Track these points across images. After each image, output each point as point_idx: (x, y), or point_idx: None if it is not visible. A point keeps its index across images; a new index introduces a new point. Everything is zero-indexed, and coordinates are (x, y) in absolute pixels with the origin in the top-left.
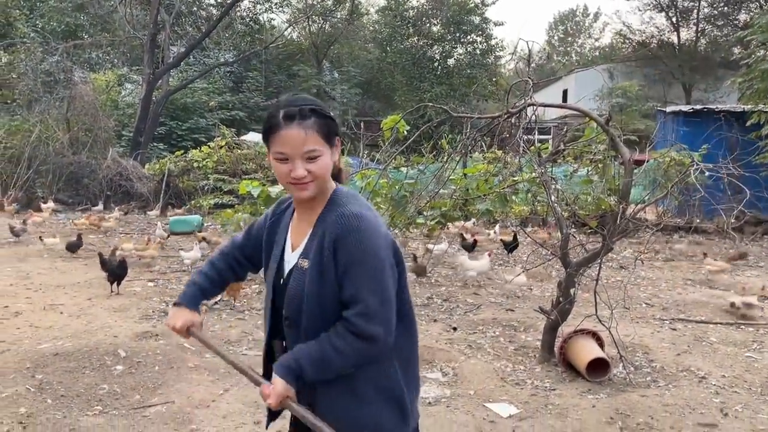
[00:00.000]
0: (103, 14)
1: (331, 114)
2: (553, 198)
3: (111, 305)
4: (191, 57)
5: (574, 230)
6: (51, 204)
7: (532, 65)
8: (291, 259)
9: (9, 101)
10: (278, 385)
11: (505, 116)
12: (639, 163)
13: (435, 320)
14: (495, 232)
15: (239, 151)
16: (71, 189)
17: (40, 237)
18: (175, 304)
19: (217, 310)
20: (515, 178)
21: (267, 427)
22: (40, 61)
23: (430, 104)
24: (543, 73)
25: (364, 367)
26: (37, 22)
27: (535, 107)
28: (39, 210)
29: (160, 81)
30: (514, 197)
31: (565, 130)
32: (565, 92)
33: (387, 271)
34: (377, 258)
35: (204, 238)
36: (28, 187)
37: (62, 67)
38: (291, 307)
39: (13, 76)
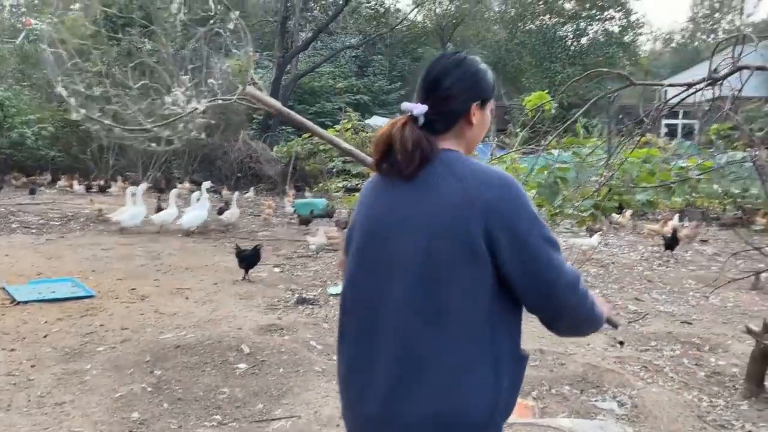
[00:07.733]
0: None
1: None
2: None
3: (237, 291)
4: (318, 41)
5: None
6: (186, 184)
7: (672, 45)
8: None
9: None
10: None
11: (706, 83)
12: None
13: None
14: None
15: (364, 134)
16: (205, 170)
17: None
18: None
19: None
20: (685, 165)
21: None
22: (180, 48)
23: (604, 69)
24: (686, 53)
25: None
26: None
27: (750, 71)
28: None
29: (289, 65)
30: (680, 188)
31: None
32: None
33: None
34: None
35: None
36: (165, 168)
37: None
38: None
39: (154, 60)
